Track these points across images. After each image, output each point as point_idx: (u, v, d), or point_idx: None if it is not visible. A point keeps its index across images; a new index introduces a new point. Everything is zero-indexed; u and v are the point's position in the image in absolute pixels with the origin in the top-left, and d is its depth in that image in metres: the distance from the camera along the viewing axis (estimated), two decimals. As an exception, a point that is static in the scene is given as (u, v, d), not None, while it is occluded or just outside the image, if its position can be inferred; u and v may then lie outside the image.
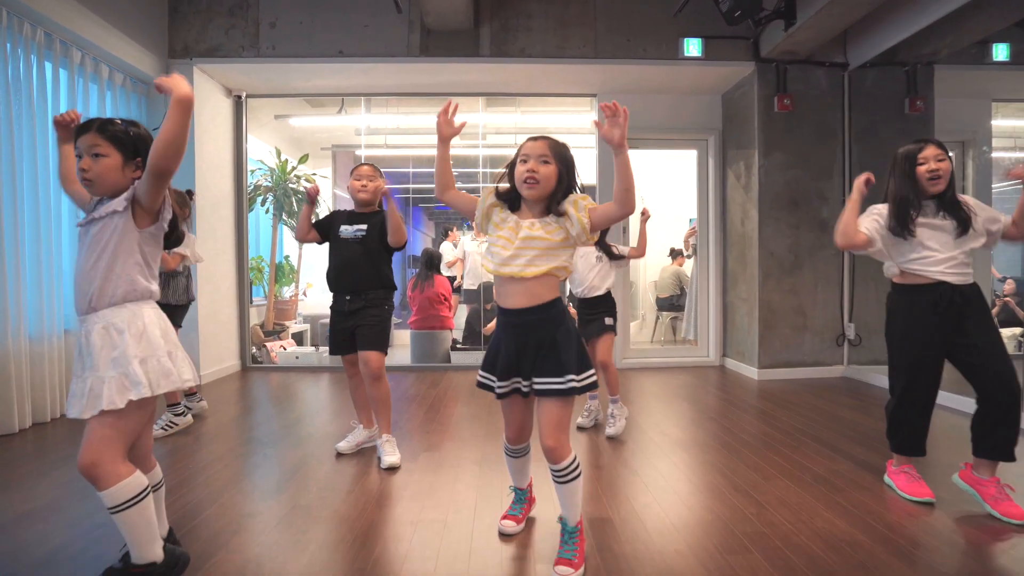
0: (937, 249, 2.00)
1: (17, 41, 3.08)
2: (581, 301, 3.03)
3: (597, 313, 2.98)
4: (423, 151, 6.09)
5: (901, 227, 2.02)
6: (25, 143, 3.13)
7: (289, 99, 5.21)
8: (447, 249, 6.42)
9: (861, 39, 4.20)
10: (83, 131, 1.45)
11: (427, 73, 4.52)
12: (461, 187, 1.80)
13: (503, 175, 1.69)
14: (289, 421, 3.29)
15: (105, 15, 3.59)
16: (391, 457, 2.46)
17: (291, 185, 5.79)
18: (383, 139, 5.84)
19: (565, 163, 1.61)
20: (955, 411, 3.24)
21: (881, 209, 2.09)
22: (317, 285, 6.37)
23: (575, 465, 1.62)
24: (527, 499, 1.92)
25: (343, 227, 2.59)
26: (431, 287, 5.19)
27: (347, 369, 2.67)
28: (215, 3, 4.28)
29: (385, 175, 2.68)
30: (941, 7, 3.43)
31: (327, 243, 2.64)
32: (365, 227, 2.55)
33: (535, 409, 1.67)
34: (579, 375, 1.57)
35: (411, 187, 5.95)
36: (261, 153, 5.78)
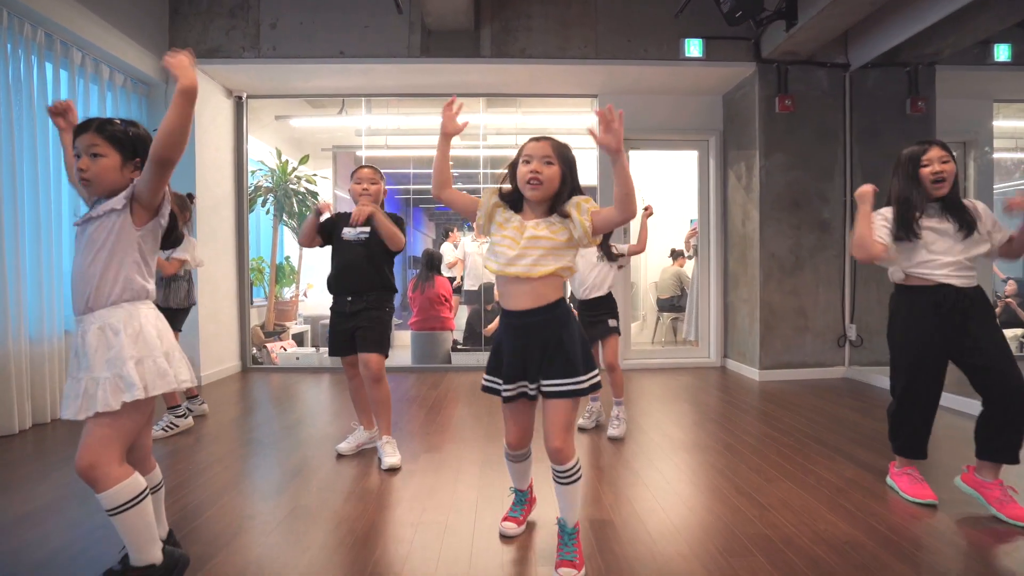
0: (942, 252, 1.99)
1: (18, 42, 3.08)
2: (582, 303, 3.00)
3: (600, 314, 2.97)
4: (424, 152, 6.08)
5: (905, 230, 2.01)
6: (25, 144, 3.12)
7: (290, 100, 5.21)
8: (447, 250, 6.41)
9: (862, 39, 4.20)
10: (82, 131, 1.45)
11: (428, 74, 4.52)
12: (461, 188, 1.79)
13: (505, 176, 1.68)
14: (289, 422, 3.28)
15: (106, 16, 3.59)
16: (391, 458, 2.46)
17: (292, 186, 5.79)
18: (384, 140, 5.83)
19: (568, 164, 1.61)
20: (957, 413, 3.23)
21: (887, 213, 2.08)
22: (317, 286, 6.36)
23: (578, 467, 1.62)
24: (528, 500, 1.92)
25: (346, 229, 2.58)
26: (431, 288, 5.18)
27: (347, 371, 2.66)
28: (216, 4, 4.28)
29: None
30: (943, 7, 3.43)
31: (329, 246, 2.64)
32: (368, 229, 2.55)
33: (541, 411, 1.67)
34: (585, 375, 1.58)
35: (411, 188, 5.95)
36: (262, 154, 5.78)
